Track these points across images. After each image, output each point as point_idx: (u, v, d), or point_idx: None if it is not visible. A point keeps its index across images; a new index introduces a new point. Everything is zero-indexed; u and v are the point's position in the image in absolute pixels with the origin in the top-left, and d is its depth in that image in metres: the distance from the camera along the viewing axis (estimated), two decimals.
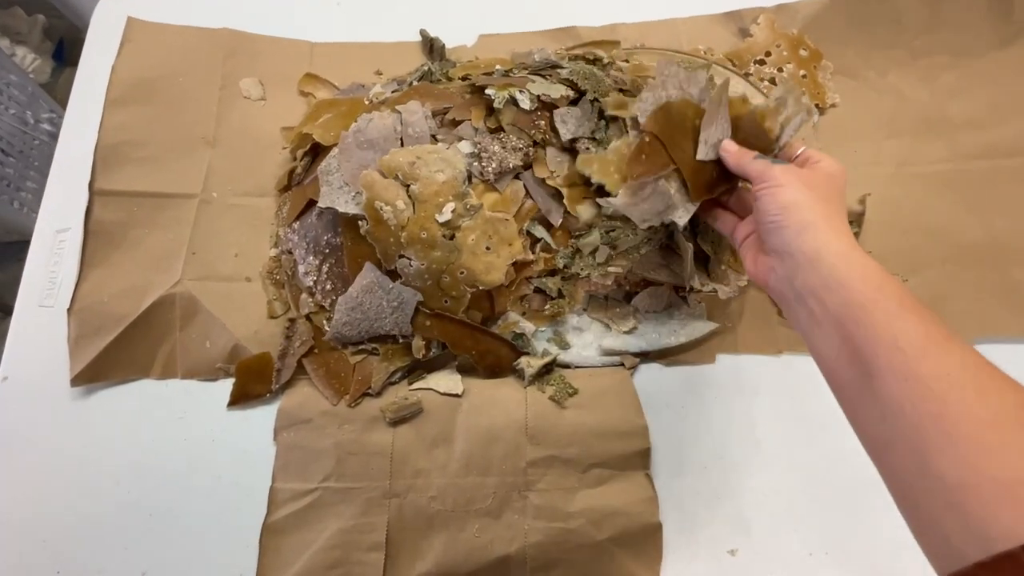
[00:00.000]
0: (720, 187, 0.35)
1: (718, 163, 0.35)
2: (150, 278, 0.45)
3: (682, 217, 0.35)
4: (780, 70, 0.51)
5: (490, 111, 0.42)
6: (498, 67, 0.48)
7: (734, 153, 0.33)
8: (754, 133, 0.34)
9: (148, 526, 0.40)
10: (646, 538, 0.38)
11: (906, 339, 0.23)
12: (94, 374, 0.43)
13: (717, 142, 0.34)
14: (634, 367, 0.43)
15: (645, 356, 0.43)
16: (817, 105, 0.50)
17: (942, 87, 0.50)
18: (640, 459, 0.40)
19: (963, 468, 0.20)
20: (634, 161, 0.35)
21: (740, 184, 0.36)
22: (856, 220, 0.45)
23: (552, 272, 0.42)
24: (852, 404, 0.25)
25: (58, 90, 1.09)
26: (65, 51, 1.16)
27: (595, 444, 0.40)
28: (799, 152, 0.34)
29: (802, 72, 0.51)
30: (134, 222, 0.46)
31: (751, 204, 0.33)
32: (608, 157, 0.37)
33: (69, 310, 0.44)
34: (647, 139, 0.35)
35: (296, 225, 0.45)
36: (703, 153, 0.34)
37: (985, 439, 0.20)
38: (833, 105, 0.51)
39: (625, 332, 0.43)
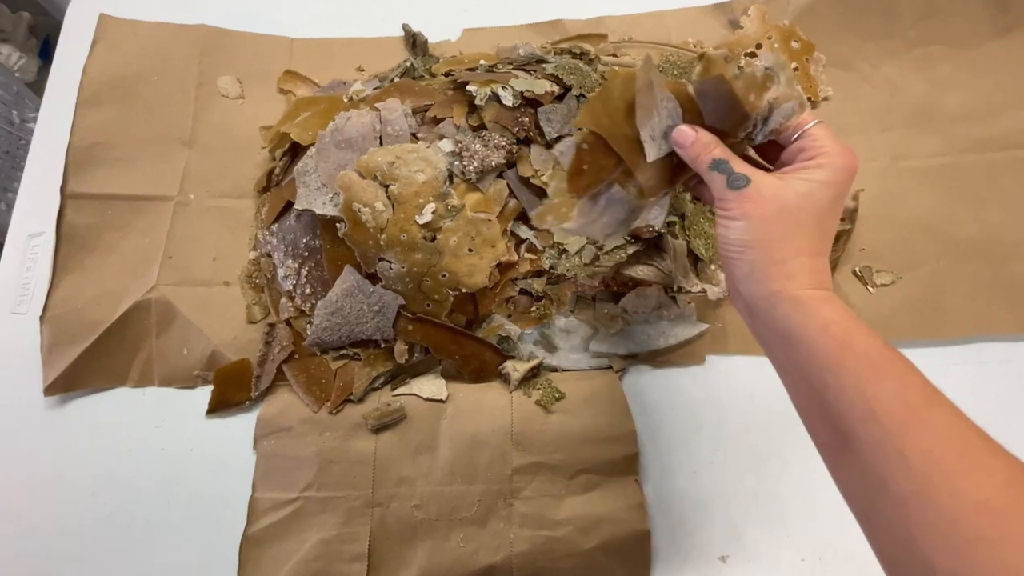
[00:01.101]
0: (685, 175, 0.29)
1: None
2: (125, 283, 0.44)
3: (656, 217, 0.31)
4: None
5: (472, 108, 0.41)
6: (482, 62, 0.46)
7: (690, 148, 0.27)
8: (726, 108, 0.27)
9: (125, 538, 0.39)
10: (635, 546, 0.37)
11: (883, 408, 0.20)
12: (68, 383, 0.42)
13: (667, 129, 0.27)
14: (622, 369, 0.42)
15: (634, 358, 0.42)
16: (810, 98, 0.49)
17: (937, 78, 0.49)
18: (628, 464, 0.39)
19: (955, 560, 0.18)
20: (575, 176, 0.30)
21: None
22: (849, 216, 0.44)
23: (538, 273, 0.41)
24: (832, 462, 0.23)
25: (45, 88, 1.07)
26: (52, 49, 1.14)
27: (582, 450, 0.39)
28: (805, 128, 0.26)
29: (794, 65, 0.50)
30: (108, 226, 0.45)
31: None
32: (555, 201, 0.31)
33: (42, 317, 0.43)
34: (584, 145, 0.29)
35: (275, 227, 0.44)
36: (652, 152, 0.28)
37: (978, 528, 0.18)
38: (826, 98, 0.49)
39: (613, 334, 0.42)
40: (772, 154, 0.28)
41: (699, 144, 0.26)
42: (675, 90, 0.27)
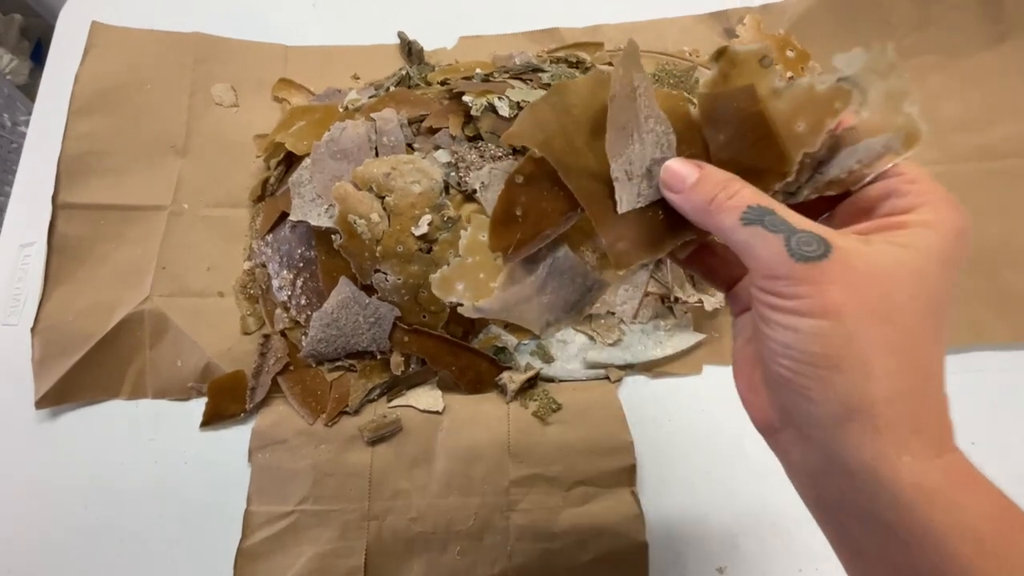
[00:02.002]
0: (678, 237, 0.19)
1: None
2: (118, 295, 0.43)
3: (625, 303, 0.21)
4: None
5: (468, 118, 0.41)
6: (478, 71, 0.46)
7: (692, 191, 0.17)
8: (750, 142, 0.17)
9: (118, 552, 0.39)
10: (632, 557, 0.37)
11: None
12: (60, 395, 0.41)
13: (653, 165, 0.18)
14: (619, 380, 0.42)
15: (631, 368, 0.42)
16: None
17: (931, 88, 0.49)
18: (626, 476, 0.39)
19: None
20: (501, 225, 0.19)
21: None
22: None
23: None
24: None
25: (37, 92, 1.07)
26: (44, 52, 1.13)
27: (579, 461, 0.39)
28: (881, 172, 0.17)
29: (789, 74, 0.50)
30: (100, 236, 0.45)
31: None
32: (468, 262, 0.22)
33: (33, 329, 0.42)
34: (519, 178, 0.19)
35: (269, 238, 0.44)
36: (628, 197, 0.18)
37: None
38: None
39: (610, 344, 0.42)
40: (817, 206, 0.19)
41: (707, 183, 0.17)
42: (669, 107, 0.19)
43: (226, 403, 0.41)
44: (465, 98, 0.40)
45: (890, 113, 0.16)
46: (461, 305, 0.22)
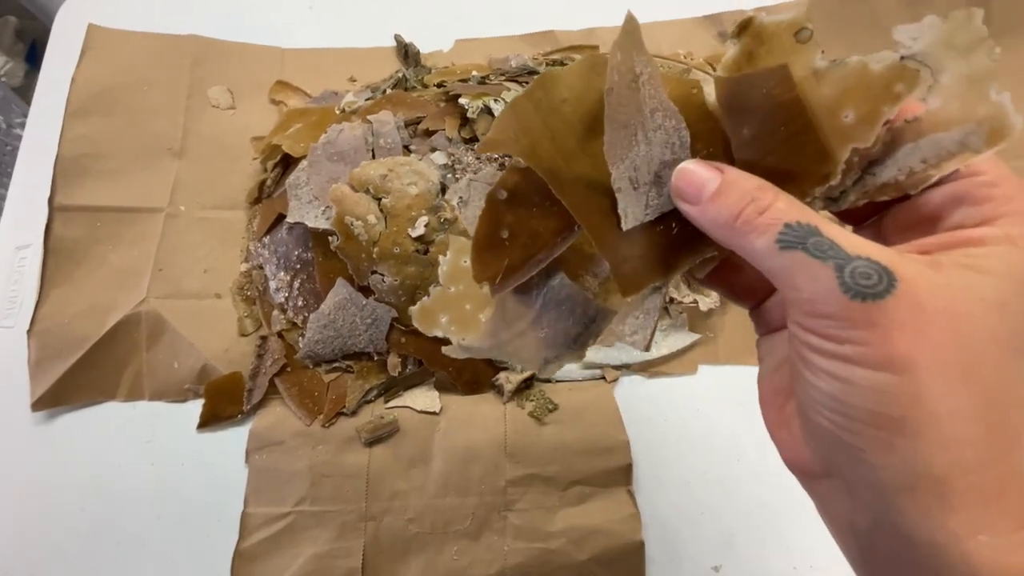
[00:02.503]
0: (694, 255, 0.16)
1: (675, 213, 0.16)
2: (114, 297, 0.43)
3: (636, 333, 0.18)
4: None
5: (464, 120, 0.41)
6: (474, 73, 0.47)
7: (712, 203, 0.14)
8: (782, 137, 0.14)
9: (115, 555, 0.39)
10: (628, 556, 0.37)
11: None
12: (56, 398, 0.41)
13: (663, 169, 0.15)
14: (615, 380, 0.42)
15: (626, 368, 0.42)
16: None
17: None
18: (622, 475, 0.39)
19: None
20: (486, 250, 0.17)
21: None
22: None
23: None
24: None
25: (32, 94, 1.06)
26: (39, 54, 1.13)
27: (576, 461, 0.39)
28: (951, 173, 0.14)
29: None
30: (97, 238, 0.45)
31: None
32: (450, 292, 0.18)
33: (29, 331, 0.42)
34: (503, 193, 0.16)
35: (266, 239, 0.44)
36: (635, 211, 0.15)
37: None
38: None
39: (606, 345, 0.42)
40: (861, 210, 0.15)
41: (732, 192, 0.14)
42: (679, 96, 0.15)
43: (223, 405, 0.41)
44: (461, 100, 0.41)
45: (971, 101, 0.13)
46: (448, 343, 0.18)
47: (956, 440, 0.12)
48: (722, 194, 0.14)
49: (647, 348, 0.19)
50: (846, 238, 0.13)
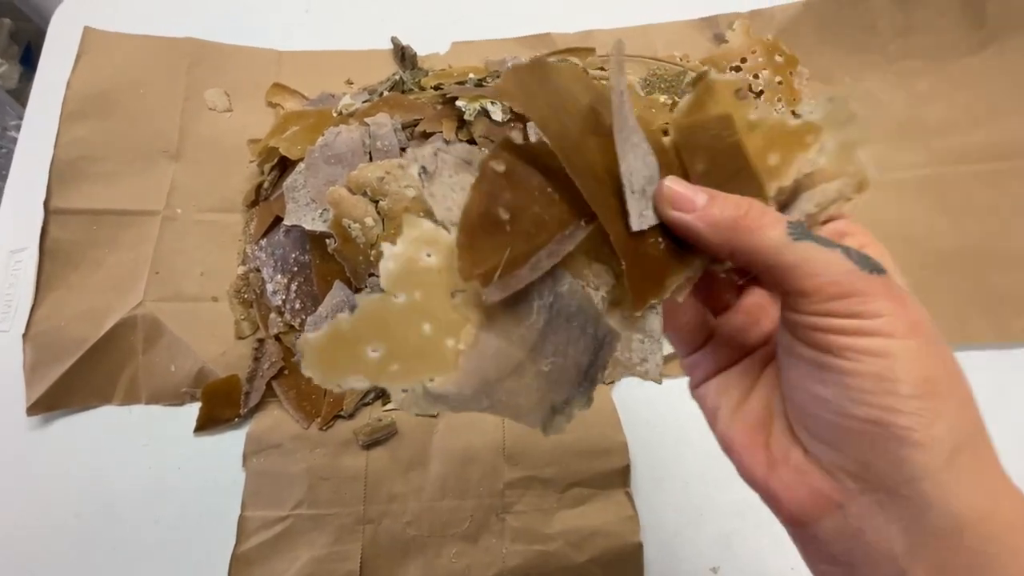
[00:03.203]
0: (672, 279, 0.16)
1: (661, 229, 0.16)
2: (110, 300, 0.43)
3: (647, 357, 0.15)
4: (756, 76, 0.51)
5: (462, 123, 0.41)
6: (471, 76, 0.47)
7: (721, 217, 0.15)
8: (728, 173, 0.16)
9: (111, 561, 0.39)
10: (627, 558, 0.37)
11: None
12: (52, 402, 0.41)
13: (646, 185, 0.15)
14: (613, 382, 0.42)
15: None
16: (794, 112, 0.50)
17: (917, 92, 0.50)
18: (620, 477, 0.39)
19: None
20: (477, 233, 0.14)
21: (718, 269, 0.17)
22: None
23: None
24: None
25: (27, 96, 1.06)
26: (34, 56, 1.12)
27: (574, 463, 0.39)
28: (835, 214, 0.17)
29: (778, 78, 0.51)
30: (93, 241, 0.45)
31: (724, 299, 0.17)
32: (395, 302, 0.14)
33: (24, 335, 0.42)
34: (499, 165, 0.14)
35: (263, 242, 0.44)
36: (636, 214, 0.15)
37: None
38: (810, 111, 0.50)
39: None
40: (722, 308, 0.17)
41: (729, 201, 0.14)
42: (643, 129, 0.16)
43: (220, 408, 0.41)
44: (458, 103, 0.41)
45: (844, 161, 0.17)
46: (387, 398, 0.15)
47: (963, 402, 0.13)
48: (717, 202, 0.15)
49: (660, 379, 0.16)
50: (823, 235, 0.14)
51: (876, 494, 0.13)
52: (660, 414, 0.41)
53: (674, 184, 0.15)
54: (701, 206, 0.15)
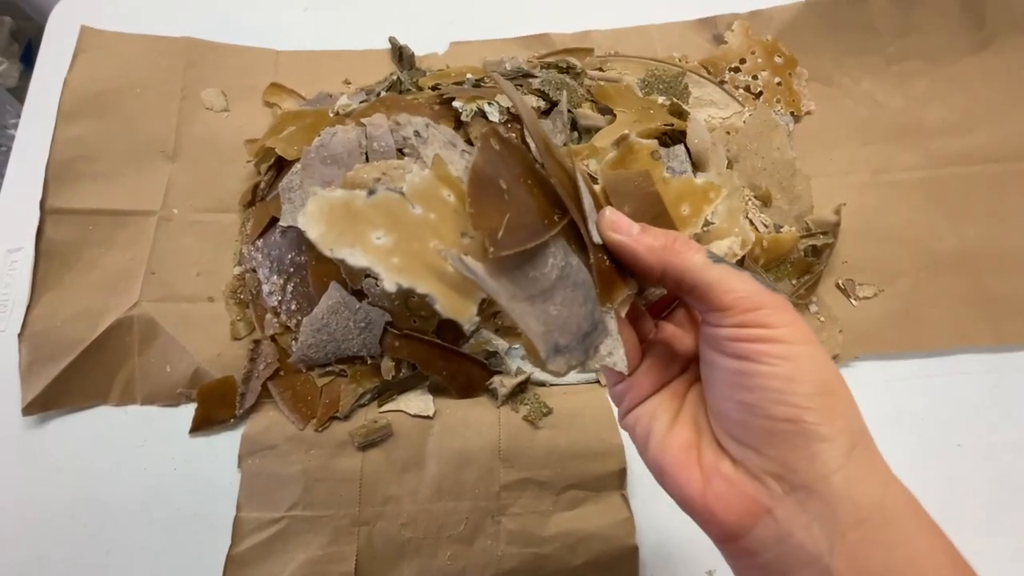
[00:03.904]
0: (618, 294, 0.18)
1: (605, 250, 0.18)
2: (106, 300, 0.43)
3: (614, 353, 0.17)
4: (755, 77, 0.51)
5: (458, 124, 0.41)
6: (469, 76, 0.47)
7: (653, 240, 0.17)
8: (649, 218, 0.19)
9: (106, 562, 0.39)
10: (623, 561, 0.37)
11: None
12: (47, 402, 0.41)
13: (590, 210, 0.18)
14: (599, 381, 0.42)
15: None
16: (793, 113, 0.50)
17: (916, 94, 0.50)
18: (616, 479, 0.39)
19: None
20: (481, 192, 0.15)
21: (645, 293, 0.20)
22: (831, 230, 0.44)
23: None
24: None
25: (26, 95, 1.05)
26: (34, 54, 1.12)
27: (570, 465, 0.39)
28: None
29: (777, 79, 0.51)
30: (89, 241, 0.44)
31: (645, 327, 0.19)
32: (413, 212, 0.15)
33: (20, 335, 0.42)
34: (498, 145, 0.16)
35: (260, 243, 0.43)
36: (595, 232, 0.18)
37: None
38: (808, 112, 0.50)
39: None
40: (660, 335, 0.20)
41: (659, 231, 0.17)
42: (583, 176, 0.18)
43: (216, 409, 0.41)
44: (455, 103, 0.41)
45: (732, 222, 0.22)
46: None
47: (850, 401, 0.15)
48: (649, 231, 0.18)
49: (629, 371, 0.18)
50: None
51: (797, 493, 0.15)
52: None
53: (612, 213, 0.18)
54: (636, 234, 0.17)
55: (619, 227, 0.17)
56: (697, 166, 0.37)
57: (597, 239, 0.17)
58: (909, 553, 0.14)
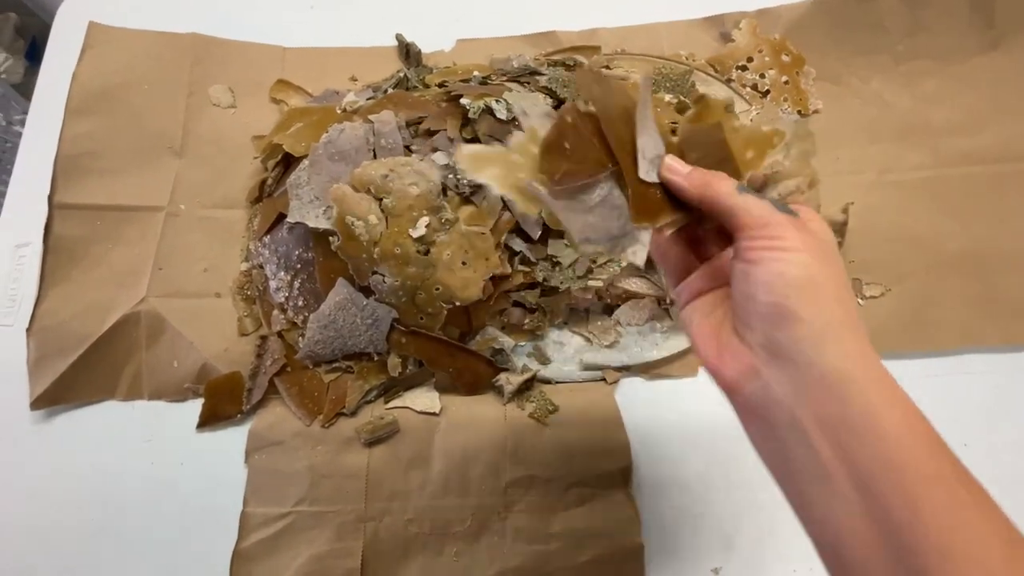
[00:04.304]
0: (664, 218, 0.24)
1: (662, 187, 0.24)
2: (114, 295, 0.43)
3: (637, 252, 0.23)
4: (762, 75, 0.51)
5: (466, 121, 0.41)
6: (476, 73, 0.46)
7: (697, 177, 0.23)
8: (714, 161, 0.24)
9: (113, 555, 0.39)
10: (628, 559, 0.37)
11: (980, 553, 0.17)
12: (55, 396, 0.41)
13: (655, 158, 0.24)
14: (616, 382, 0.42)
15: (627, 370, 0.42)
16: (800, 112, 0.50)
17: (924, 93, 0.49)
18: (622, 477, 0.39)
19: None
20: (553, 151, 0.23)
21: (703, 224, 0.25)
22: (839, 230, 0.44)
23: (531, 285, 0.41)
24: None
25: (32, 90, 1.06)
26: (39, 50, 1.12)
27: (576, 463, 0.39)
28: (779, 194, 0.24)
29: (784, 78, 0.50)
30: (97, 237, 0.45)
31: (711, 251, 0.24)
32: (513, 158, 0.23)
33: (28, 330, 0.42)
34: (569, 118, 0.23)
35: (267, 239, 0.44)
36: (644, 170, 0.23)
37: None
38: (816, 111, 0.50)
39: (606, 346, 0.42)
40: (702, 246, 0.25)
41: (708, 175, 0.23)
42: (659, 124, 0.24)
43: (223, 404, 0.41)
44: (463, 101, 0.40)
45: (802, 165, 0.24)
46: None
47: (832, 296, 0.20)
48: (697, 171, 0.23)
49: (641, 263, 0.23)
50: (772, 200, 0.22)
51: (778, 359, 0.20)
52: (663, 415, 0.41)
53: (671, 159, 0.24)
54: (685, 173, 0.23)
55: (673, 169, 0.23)
56: None
57: (651, 178, 0.23)
58: (865, 408, 0.18)
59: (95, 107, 0.48)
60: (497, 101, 0.40)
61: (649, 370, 0.42)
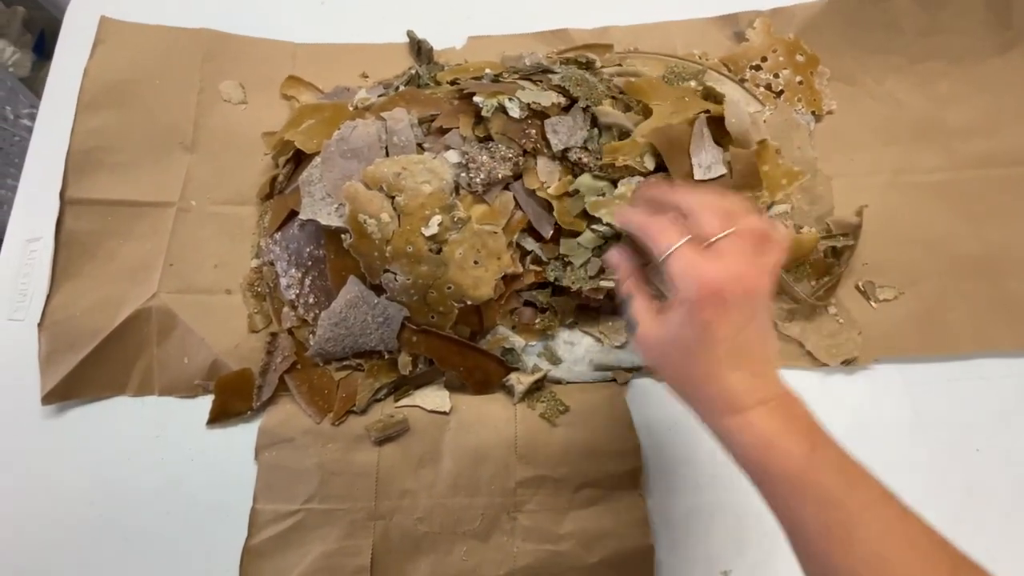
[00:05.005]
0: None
1: None
2: (125, 291, 0.43)
3: (714, 168, 0.38)
4: (776, 75, 0.50)
5: (478, 119, 0.41)
6: (488, 71, 0.46)
7: (618, 275, 0.31)
8: (748, 177, 0.38)
9: (123, 550, 0.39)
10: (638, 560, 0.37)
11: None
12: (66, 391, 0.41)
13: (711, 162, 0.39)
14: (626, 382, 0.42)
15: (638, 371, 0.42)
16: (814, 112, 0.49)
17: (939, 94, 0.49)
18: (632, 478, 0.39)
19: None
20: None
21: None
22: (852, 232, 0.44)
23: (542, 285, 0.41)
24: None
25: (39, 84, 1.05)
26: (46, 44, 1.12)
27: (586, 463, 0.39)
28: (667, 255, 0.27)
29: (798, 78, 0.50)
30: (108, 232, 0.45)
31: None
32: (614, 203, 0.35)
33: (39, 325, 0.42)
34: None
35: (278, 236, 0.43)
36: (701, 175, 0.37)
37: None
38: (830, 112, 0.50)
39: (617, 347, 0.42)
40: None
41: (623, 273, 0.30)
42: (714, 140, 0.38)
43: (233, 401, 0.41)
44: (476, 99, 0.40)
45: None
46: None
47: (686, 373, 0.27)
48: (620, 271, 0.31)
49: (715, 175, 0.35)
50: (640, 302, 0.29)
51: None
52: (673, 416, 0.41)
53: (611, 252, 0.32)
54: (617, 270, 0.31)
55: (611, 263, 0.31)
56: (738, 146, 0.40)
57: (700, 176, 0.37)
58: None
59: (106, 102, 0.48)
60: (510, 99, 0.40)
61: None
